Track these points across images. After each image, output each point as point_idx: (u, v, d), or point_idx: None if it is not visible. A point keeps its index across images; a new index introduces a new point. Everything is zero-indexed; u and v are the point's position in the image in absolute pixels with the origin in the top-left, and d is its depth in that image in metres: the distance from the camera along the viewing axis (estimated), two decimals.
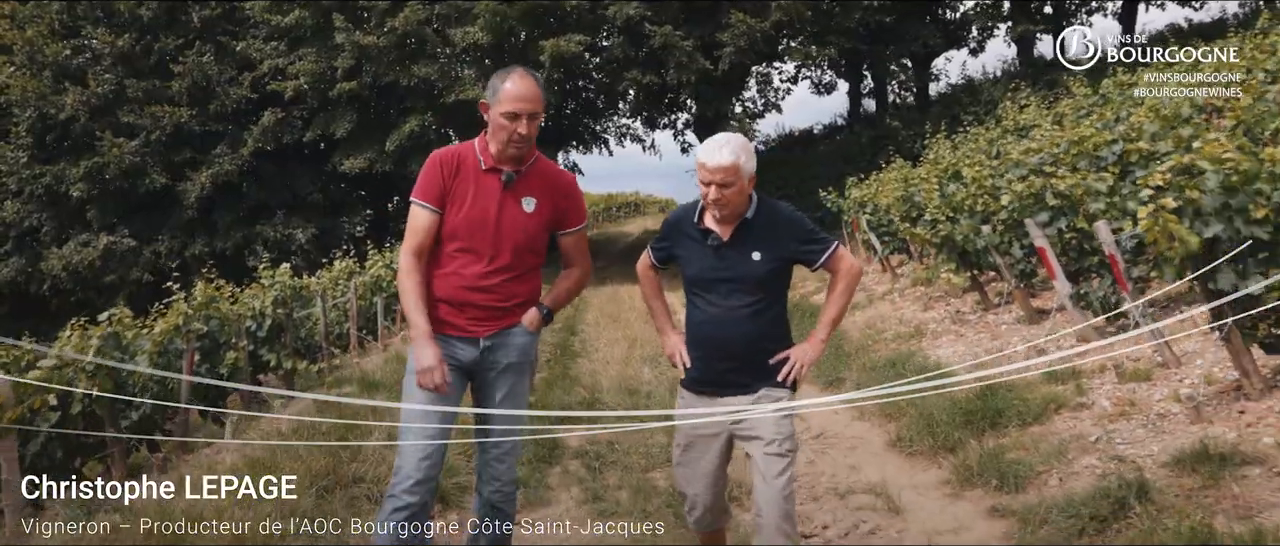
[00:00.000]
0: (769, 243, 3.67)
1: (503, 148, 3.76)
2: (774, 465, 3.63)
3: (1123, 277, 6.79)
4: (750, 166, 3.58)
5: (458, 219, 3.78)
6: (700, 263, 3.72)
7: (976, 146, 15.79)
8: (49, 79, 26.64)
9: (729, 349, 3.69)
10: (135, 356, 8.07)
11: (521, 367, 3.93)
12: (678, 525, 5.05)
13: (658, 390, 8.74)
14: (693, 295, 3.79)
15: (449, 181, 3.79)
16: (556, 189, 3.94)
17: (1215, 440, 5.07)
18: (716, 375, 3.75)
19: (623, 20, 24.24)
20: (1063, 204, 7.92)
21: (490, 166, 3.82)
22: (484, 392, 3.93)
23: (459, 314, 3.82)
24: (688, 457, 3.87)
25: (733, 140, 3.56)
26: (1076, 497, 4.87)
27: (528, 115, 3.71)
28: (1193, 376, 6.43)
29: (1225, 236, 5.48)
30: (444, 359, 3.69)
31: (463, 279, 3.79)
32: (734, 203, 3.58)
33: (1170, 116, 9.19)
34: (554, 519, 5.46)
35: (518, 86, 3.71)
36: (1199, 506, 4.36)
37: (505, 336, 3.87)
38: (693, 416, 3.79)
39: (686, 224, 3.80)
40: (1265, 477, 4.63)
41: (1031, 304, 9.34)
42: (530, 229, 3.85)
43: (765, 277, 3.68)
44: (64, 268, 25.97)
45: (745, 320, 3.67)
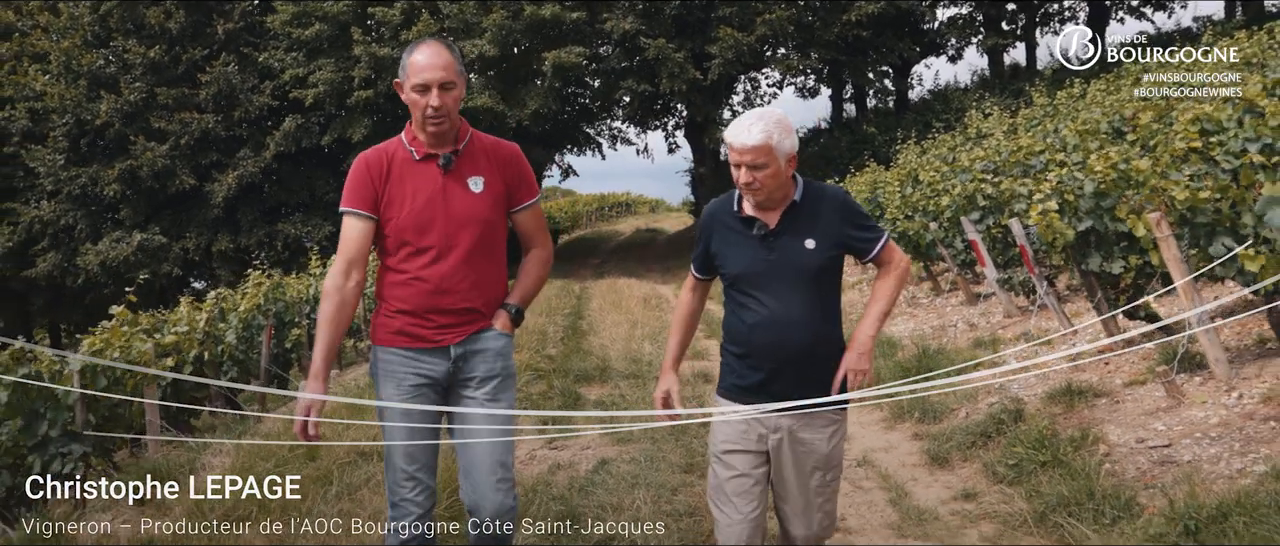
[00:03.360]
0: (822, 228, 3.22)
1: (420, 126, 3.43)
2: (815, 496, 3.35)
3: (1031, 264, 8.50)
4: (787, 144, 3.13)
5: (402, 219, 3.42)
6: (746, 256, 3.24)
7: (939, 152, 17.48)
8: (84, 87, 28.37)
9: (785, 354, 3.20)
10: (228, 329, 9.77)
11: (503, 380, 3.52)
12: (677, 445, 6.77)
13: (657, 359, 10.45)
14: (738, 294, 3.29)
15: (380, 184, 3.44)
16: (501, 161, 3.57)
17: (1080, 382, 6.80)
18: (769, 382, 3.24)
19: (619, 33, 25.96)
20: (990, 204, 9.63)
21: (424, 154, 3.46)
22: (464, 414, 3.50)
23: (423, 323, 3.43)
24: (722, 473, 3.33)
25: (766, 116, 3.14)
26: (975, 424, 6.61)
27: (439, 84, 3.35)
28: (1084, 340, 8.17)
29: (1097, 229, 7.21)
30: (315, 414, 3.33)
31: (424, 283, 3.41)
32: (769, 186, 3.14)
33: (1090, 131, 10.94)
34: (583, 446, 7.13)
35: (427, 55, 3.38)
36: (1053, 423, 6.09)
37: (477, 341, 3.48)
38: (725, 419, 3.33)
39: (725, 214, 3.33)
40: (1108, 405, 6.34)
41: (971, 289, 11.08)
42: (483, 211, 3.47)
43: (822, 269, 3.21)
44: (100, 263, 27.69)
45: (803, 320, 3.18)
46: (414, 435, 3.44)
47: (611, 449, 6.86)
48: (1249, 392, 5.64)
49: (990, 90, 26.21)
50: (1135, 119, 10.29)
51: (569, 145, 35.81)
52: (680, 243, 34.97)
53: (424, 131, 3.44)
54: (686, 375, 9.66)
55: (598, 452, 6.75)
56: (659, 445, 6.77)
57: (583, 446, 7.06)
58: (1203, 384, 6.04)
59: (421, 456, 3.47)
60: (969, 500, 5.37)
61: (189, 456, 6.55)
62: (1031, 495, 5.09)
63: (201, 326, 8.74)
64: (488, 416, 3.47)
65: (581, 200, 58.23)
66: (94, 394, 7.32)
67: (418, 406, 3.45)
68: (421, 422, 3.45)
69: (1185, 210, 5.97)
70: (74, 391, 7.11)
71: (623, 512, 5.20)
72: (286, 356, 11.21)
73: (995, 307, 10.29)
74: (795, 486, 3.32)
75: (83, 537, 5.17)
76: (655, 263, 30.89)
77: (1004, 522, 4.89)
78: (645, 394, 8.65)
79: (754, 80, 32.89)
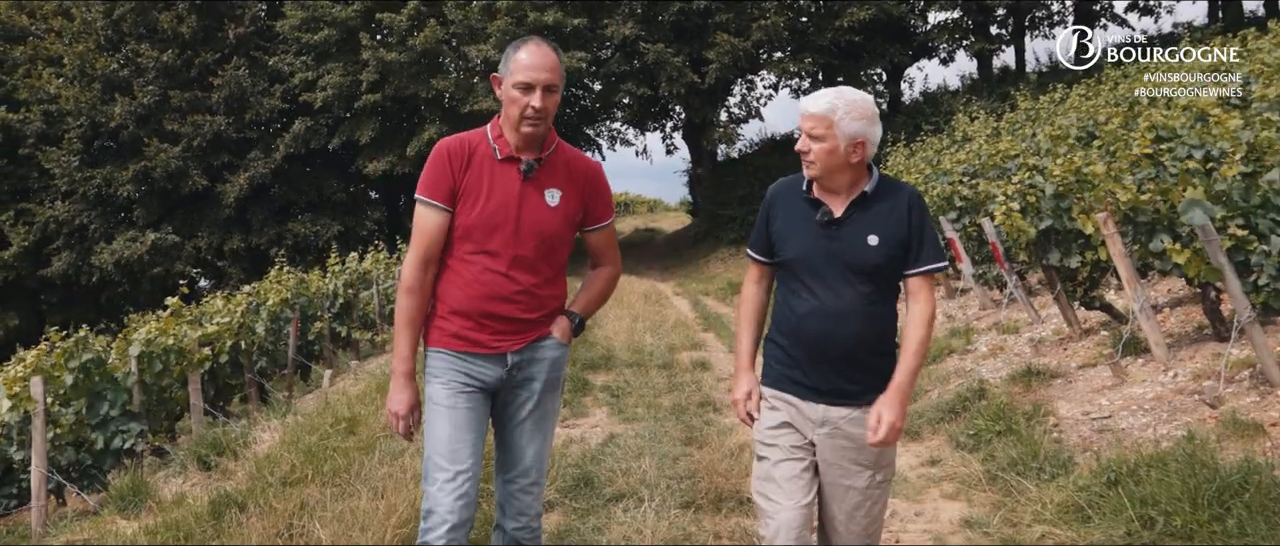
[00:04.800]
0: (889, 226, 3.06)
1: (516, 125, 3.24)
2: (866, 498, 3.16)
3: (1001, 260, 9.25)
4: (854, 127, 3.00)
5: (472, 217, 3.25)
6: (806, 239, 3.10)
7: (925, 155, 18.21)
8: (98, 90, 29.18)
9: (834, 349, 3.06)
10: (258, 321, 10.52)
11: (552, 386, 3.44)
12: (678, 423, 7.51)
13: (659, 350, 11.20)
14: (791, 280, 3.16)
15: (459, 175, 3.27)
16: (583, 179, 3.44)
17: (1040, 365, 7.56)
18: (813, 376, 3.11)
19: (620, 39, 26.79)
20: (967, 205, 10.38)
21: (507, 155, 3.30)
22: (508, 414, 3.42)
23: (480, 329, 3.29)
24: (771, 459, 3.18)
25: (842, 93, 3.04)
26: (944, 402, 7.35)
27: (543, 87, 3.20)
28: (1047, 329, 8.93)
29: (1057, 228, 7.96)
30: (409, 413, 3.29)
31: (483, 287, 3.26)
32: (823, 162, 3.02)
33: (1061, 137, 11.70)
34: (593, 424, 7.86)
35: (533, 55, 3.22)
36: (1012, 400, 6.84)
37: (535, 350, 3.36)
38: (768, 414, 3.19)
39: (794, 192, 3.20)
40: (1063, 385, 7.09)
41: (952, 284, 11.85)
42: (556, 225, 3.32)
43: (882, 266, 3.04)
44: (115, 262, 28.49)
45: (856, 316, 3.04)
46: (460, 431, 3.26)
47: (619, 426, 7.60)
48: (1182, 372, 6.41)
49: (978, 94, 26.91)
50: (1108, 124, 11.07)
51: (570, 146, 36.53)
52: (679, 242, 35.75)
53: (517, 131, 3.26)
54: (686, 364, 10.42)
55: (607, 429, 7.48)
56: (661, 423, 7.51)
57: (593, 424, 7.80)
58: (1145, 365, 6.80)
59: (465, 457, 3.26)
60: (933, 465, 6.10)
61: (241, 431, 7.28)
62: (987, 459, 5.82)
63: (238, 318, 9.48)
64: (531, 422, 3.40)
65: None
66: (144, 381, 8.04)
67: (462, 439, 3.29)
68: (469, 420, 3.29)
69: (1128, 210, 6.70)
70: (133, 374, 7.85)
71: (631, 475, 5.82)
72: (309, 348, 11.96)
73: (972, 301, 11.06)
74: (841, 487, 3.14)
75: (165, 491, 5.90)
76: (654, 261, 31.67)
77: (962, 482, 5.63)
78: (648, 380, 9.39)
79: (750, 83, 33.68)
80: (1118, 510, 4.41)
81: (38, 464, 6.44)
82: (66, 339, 9.20)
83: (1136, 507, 4.34)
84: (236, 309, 9.81)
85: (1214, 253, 5.65)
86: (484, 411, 3.36)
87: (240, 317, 9.58)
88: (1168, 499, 4.29)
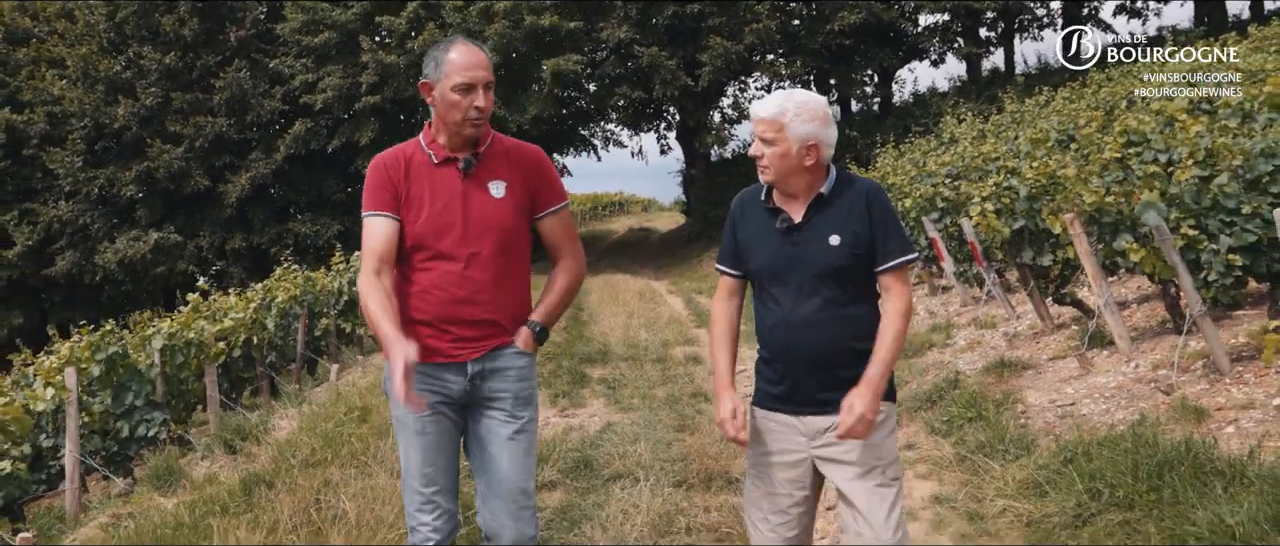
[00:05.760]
0: (848, 223, 3.00)
1: (458, 128, 3.21)
2: (876, 500, 3.00)
3: (980, 258, 9.70)
4: (805, 130, 2.95)
5: (420, 224, 3.22)
6: (769, 248, 3.06)
7: (913, 157, 18.64)
8: (102, 91, 29.57)
9: (804, 358, 3.01)
10: (268, 317, 10.95)
11: (524, 400, 3.33)
12: (671, 411, 7.96)
13: (653, 345, 11.65)
14: (760, 292, 3.14)
15: (400, 184, 3.24)
16: (526, 165, 3.38)
17: (1013, 357, 8.01)
18: (791, 390, 3.07)
19: (614, 42, 27.23)
20: (948, 205, 10.82)
21: (443, 157, 3.27)
22: (483, 436, 3.33)
23: (441, 336, 3.23)
24: (757, 492, 3.18)
25: (793, 95, 3.00)
26: (922, 392, 7.81)
27: (484, 85, 3.18)
28: (1022, 325, 9.39)
29: (1030, 228, 8.41)
30: (422, 393, 3.13)
31: (442, 292, 3.21)
32: (776, 166, 2.98)
33: (1040, 140, 12.15)
34: (590, 414, 8.28)
35: (466, 55, 3.18)
36: (984, 389, 7.29)
37: (497, 359, 3.28)
38: (763, 432, 3.15)
39: (754, 201, 3.16)
40: (1033, 375, 7.54)
41: (935, 282, 12.30)
42: (505, 217, 3.28)
43: (846, 267, 2.98)
44: (118, 261, 28.90)
45: (824, 322, 2.98)
46: (430, 455, 3.24)
47: (616, 415, 8.04)
48: (1143, 362, 6.86)
49: (966, 96, 27.34)
50: (1086, 127, 11.51)
51: (565, 147, 36.96)
52: (672, 241, 36.16)
53: (459, 134, 3.23)
54: (679, 358, 10.85)
55: (604, 418, 7.92)
56: (655, 412, 7.93)
57: (590, 414, 8.24)
58: (1110, 357, 7.26)
59: (440, 478, 3.27)
60: (909, 450, 6.54)
61: (261, 419, 7.72)
62: (958, 443, 6.27)
63: (251, 314, 9.91)
64: (508, 440, 3.29)
65: (576, 199, 59.47)
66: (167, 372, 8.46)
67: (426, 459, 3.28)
68: (439, 442, 3.27)
69: (1093, 211, 7.16)
70: (155, 366, 8.28)
71: (627, 458, 6.26)
72: (316, 343, 12.40)
73: (954, 298, 11.51)
74: (853, 492, 3.02)
75: (195, 472, 6.34)
76: (648, 260, 32.12)
77: (934, 463, 6.08)
78: (643, 373, 9.82)
79: (743, 85, 34.13)
80: (1070, 485, 4.86)
81: (71, 450, 6.87)
82: (78, 335, 9.61)
83: (1086, 482, 4.79)
84: (249, 305, 10.23)
85: (1168, 251, 6.10)
86: (455, 432, 3.34)
87: (253, 314, 10.00)
88: (1114, 473, 4.73)
